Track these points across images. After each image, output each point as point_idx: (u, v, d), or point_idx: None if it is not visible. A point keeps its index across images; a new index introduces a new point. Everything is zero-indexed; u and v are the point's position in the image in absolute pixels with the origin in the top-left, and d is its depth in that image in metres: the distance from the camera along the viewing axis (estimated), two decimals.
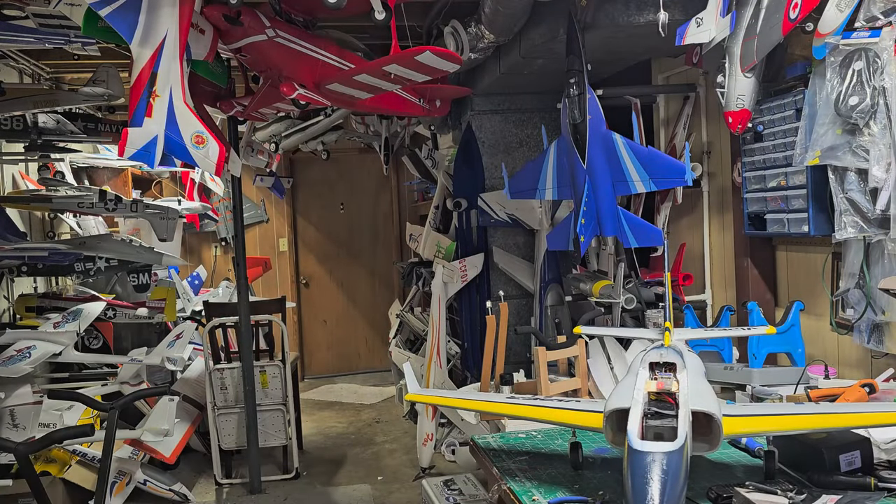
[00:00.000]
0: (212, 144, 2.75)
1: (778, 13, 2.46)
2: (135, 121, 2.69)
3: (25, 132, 5.15)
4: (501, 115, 5.07)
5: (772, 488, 1.80)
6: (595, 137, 3.18)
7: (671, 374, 1.84)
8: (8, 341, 4.42)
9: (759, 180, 3.09)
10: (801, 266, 3.20)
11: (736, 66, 2.69)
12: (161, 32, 2.69)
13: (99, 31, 2.96)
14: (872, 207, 2.36)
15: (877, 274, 2.51)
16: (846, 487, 1.80)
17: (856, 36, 2.34)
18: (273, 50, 3.25)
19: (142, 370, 4.80)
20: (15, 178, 5.97)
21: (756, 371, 2.79)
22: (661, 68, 4.30)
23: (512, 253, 5.05)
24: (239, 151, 5.11)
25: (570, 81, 3.24)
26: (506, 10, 3.36)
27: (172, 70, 2.71)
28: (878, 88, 2.27)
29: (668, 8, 2.75)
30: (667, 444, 1.58)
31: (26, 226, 5.97)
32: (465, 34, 3.83)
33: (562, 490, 1.95)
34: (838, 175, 2.48)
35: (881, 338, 2.61)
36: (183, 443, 4.61)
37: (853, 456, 1.89)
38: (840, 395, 2.36)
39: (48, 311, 5.29)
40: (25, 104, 4.77)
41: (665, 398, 1.75)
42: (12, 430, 4.00)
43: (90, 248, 5.29)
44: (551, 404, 2.10)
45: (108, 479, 3.67)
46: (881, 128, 2.28)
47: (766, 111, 2.97)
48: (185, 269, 7.19)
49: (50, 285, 6.34)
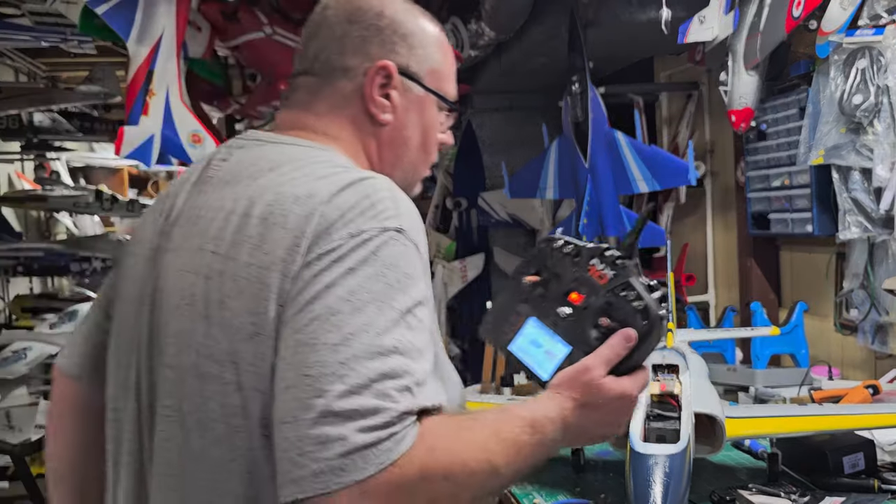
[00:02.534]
0: (209, 143, 2.73)
1: (781, 11, 2.44)
2: (131, 119, 2.67)
3: (21, 131, 5.13)
4: (502, 113, 5.05)
5: (775, 491, 1.79)
6: (597, 136, 3.16)
7: (674, 376, 1.82)
8: (4, 342, 4.40)
9: (762, 180, 3.07)
10: (805, 266, 3.18)
11: (739, 63, 2.67)
12: (158, 30, 2.68)
13: (95, 29, 2.94)
14: (877, 207, 2.34)
15: (881, 274, 2.49)
16: (850, 490, 1.79)
17: (859, 34, 2.32)
18: (270, 47, 3.23)
19: None
20: (11, 178, 5.95)
21: (759, 372, 2.77)
22: (664, 66, 4.28)
23: (513, 253, 5.03)
24: None
25: (571, 79, 3.22)
26: (506, 7, 3.34)
27: (169, 68, 2.69)
28: (882, 87, 2.26)
29: (670, 5, 2.73)
30: (669, 447, 1.57)
31: (22, 226, 5.95)
32: (466, 31, 3.81)
33: (563, 493, 1.94)
34: (842, 174, 2.46)
35: (885, 339, 2.59)
36: None
37: (857, 458, 1.87)
38: (844, 397, 2.34)
39: (44, 311, 5.26)
40: (21, 103, 4.76)
41: (668, 400, 1.74)
42: (8, 431, 3.98)
43: (86, 248, 5.27)
44: None
45: None
46: (885, 127, 2.26)
47: (769, 110, 2.95)
48: None
49: (46, 286, 6.32)
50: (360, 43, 1.13)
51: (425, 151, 1.20)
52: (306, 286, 0.90)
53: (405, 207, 0.99)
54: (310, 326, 0.88)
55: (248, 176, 1.04)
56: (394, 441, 0.84)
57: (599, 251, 1.09)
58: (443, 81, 1.20)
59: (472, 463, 0.90)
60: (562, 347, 1.08)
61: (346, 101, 1.14)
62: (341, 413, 0.83)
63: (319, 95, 1.15)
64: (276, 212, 0.96)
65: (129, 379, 1.07)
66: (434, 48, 1.18)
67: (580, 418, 1.02)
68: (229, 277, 0.95)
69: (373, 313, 0.88)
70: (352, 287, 0.89)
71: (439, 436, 0.89)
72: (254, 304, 0.93)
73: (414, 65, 1.15)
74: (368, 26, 1.13)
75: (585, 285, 1.08)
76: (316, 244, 0.92)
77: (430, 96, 1.17)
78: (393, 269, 0.92)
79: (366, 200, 0.96)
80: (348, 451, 0.82)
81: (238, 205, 1.00)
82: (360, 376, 0.85)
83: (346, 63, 1.13)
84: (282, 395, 0.87)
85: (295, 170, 1.02)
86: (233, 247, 0.96)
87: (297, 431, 0.84)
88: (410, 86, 1.15)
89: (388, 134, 1.15)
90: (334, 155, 1.09)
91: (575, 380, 1.03)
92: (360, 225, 0.93)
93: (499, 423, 0.97)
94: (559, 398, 1.03)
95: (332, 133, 1.13)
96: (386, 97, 1.14)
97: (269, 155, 1.07)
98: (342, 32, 1.14)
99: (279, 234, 0.94)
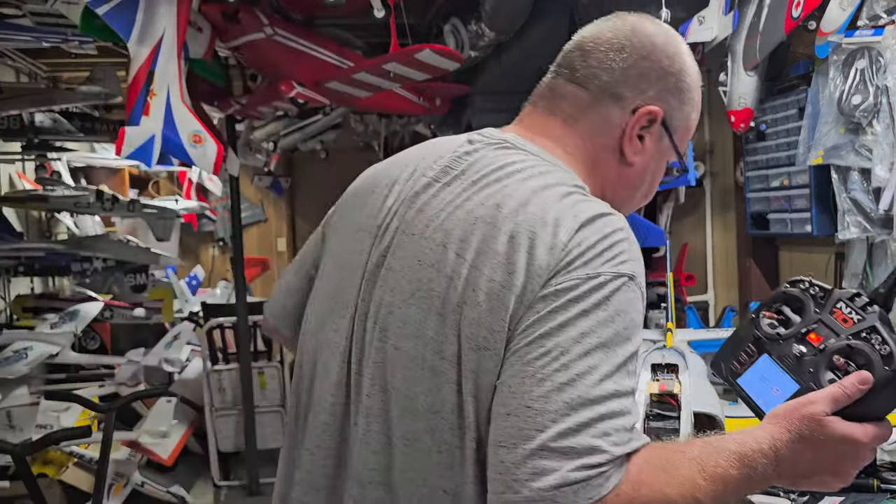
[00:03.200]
0: (209, 143, 2.73)
1: (780, 11, 2.45)
2: (132, 120, 2.67)
3: (22, 131, 5.13)
4: (502, 114, 5.03)
5: (774, 490, 1.79)
6: None
7: (673, 376, 1.83)
8: (5, 342, 4.41)
9: (761, 180, 3.07)
10: (804, 266, 3.19)
11: (738, 64, 2.68)
12: (159, 31, 2.68)
13: (96, 30, 2.94)
14: (876, 207, 2.35)
15: (880, 274, 2.50)
16: (848, 489, 1.76)
17: (858, 34, 2.33)
18: (271, 48, 3.23)
19: (139, 371, 4.78)
20: (11, 178, 5.95)
21: None
22: None
23: None
24: (237, 151, 5.09)
25: None
26: (507, 8, 3.34)
27: (170, 69, 2.69)
28: (881, 87, 2.26)
29: (670, 6, 2.73)
30: None
31: (23, 226, 5.95)
32: (466, 32, 3.81)
33: None
34: (841, 175, 2.47)
35: None
36: (181, 444, 4.58)
37: None
38: None
39: (45, 311, 5.26)
40: (22, 103, 4.76)
41: (667, 399, 1.74)
42: (9, 431, 3.99)
43: (87, 248, 5.27)
44: None
45: (105, 481, 3.65)
46: (884, 127, 2.26)
47: (768, 110, 2.95)
48: (183, 269, 7.17)
49: (47, 286, 6.32)
50: (642, 78, 1.13)
51: (644, 197, 1.23)
52: (540, 319, 0.94)
53: (636, 252, 1.01)
54: (539, 361, 0.92)
55: (495, 179, 1.06)
56: (604, 478, 0.89)
57: (847, 295, 1.06)
58: (686, 137, 1.22)
59: (677, 499, 0.93)
60: (791, 385, 1.05)
61: (606, 129, 1.14)
62: (558, 450, 0.88)
63: (585, 113, 1.15)
64: (523, 232, 0.99)
65: (338, 343, 1.10)
66: (696, 110, 1.20)
67: (794, 453, 0.97)
68: (471, 286, 0.98)
69: (599, 358, 0.92)
70: (584, 329, 0.93)
71: (646, 472, 0.92)
72: (489, 319, 0.96)
73: (676, 119, 1.16)
74: (657, 66, 1.14)
75: (827, 327, 1.05)
76: (555, 278, 0.95)
77: (671, 150, 1.18)
78: (622, 316, 0.95)
79: (605, 241, 0.98)
80: (560, 485, 0.87)
81: (485, 211, 1.02)
82: (580, 417, 0.89)
83: (622, 92, 1.13)
84: (502, 420, 0.92)
85: (542, 188, 1.04)
86: (478, 256, 0.99)
87: (514, 457, 0.89)
88: (664, 136, 1.16)
89: (631, 174, 1.17)
90: (574, 177, 1.10)
91: (794, 410, 0.99)
92: (598, 267, 0.96)
93: (706, 458, 0.96)
94: (773, 428, 0.99)
95: (580, 156, 1.14)
96: (640, 138, 1.14)
97: (514, 161, 1.08)
98: (632, 63, 1.13)
99: (523, 258, 0.97)
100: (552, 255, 0.96)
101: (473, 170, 1.09)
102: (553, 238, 0.97)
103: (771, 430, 0.99)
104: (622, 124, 1.13)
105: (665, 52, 1.14)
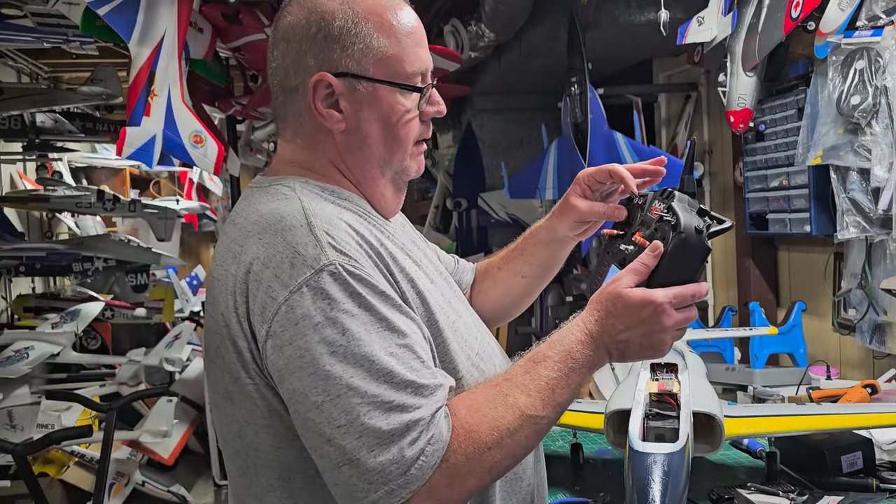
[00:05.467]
0: (210, 144, 2.74)
1: (780, 12, 2.45)
2: (133, 120, 2.68)
3: (23, 132, 5.14)
4: (502, 114, 5.06)
5: (773, 490, 1.79)
6: (596, 137, 3.17)
7: (672, 375, 1.83)
8: (6, 342, 4.41)
9: (760, 180, 3.08)
10: (803, 266, 3.19)
11: (737, 65, 2.68)
12: (160, 31, 2.68)
13: (97, 30, 2.95)
14: (874, 207, 2.35)
15: (879, 274, 2.50)
16: (848, 489, 1.79)
17: (857, 35, 2.33)
18: None
19: (140, 371, 4.78)
20: (13, 178, 5.96)
21: (758, 372, 2.77)
22: (663, 67, 4.29)
23: None
24: (237, 151, 5.09)
25: (571, 80, 3.23)
26: (506, 9, 3.35)
27: (171, 69, 2.70)
28: (880, 88, 2.26)
29: (669, 7, 2.74)
30: (668, 446, 1.57)
31: (24, 226, 5.97)
32: (466, 32, 3.82)
33: (562, 492, 1.94)
34: (840, 175, 2.47)
35: (883, 338, 2.60)
36: (181, 444, 4.59)
37: (855, 457, 1.87)
38: (842, 396, 2.34)
39: (46, 311, 5.27)
40: (23, 103, 4.77)
41: (666, 399, 1.74)
42: (10, 430, 3.99)
43: (88, 248, 5.28)
44: None
45: (106, 480, 3.66)
46: (883, 127, 2.27)
47: (767, 110, 2.95)
48: (184, 269, 7.17)
49: (48, 286, 6.33)
50: (298, 58, 1.12)
51: (395, 139, 1.16)
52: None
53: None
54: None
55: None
56: (433, 443, 0.95)
57: (661, 194, 1.18)
58: (396, 64, 1.13)
59: (511, 425, 0.99)
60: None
61: (303, 121, 1.15)
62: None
63: (286, 120, 1.17)
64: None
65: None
66: (374, 36, 1.11)
67: (605, 330, 1.05)
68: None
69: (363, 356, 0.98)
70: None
71: (471, 415, 0.98)
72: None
73: (353, 64, 1.11)
74: (301, 40, 1.11)
75: (645, 224, 1.17)
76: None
77: (389, 90, 1.13)
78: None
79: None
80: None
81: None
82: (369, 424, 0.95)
83: (293, 83, 1.13)
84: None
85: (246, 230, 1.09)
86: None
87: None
88: (356, 85, 1.11)
89: (345, 139, 1.14)
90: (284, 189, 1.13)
91: (601, 292, 1.08)
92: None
93: (525, 375, 1.02)
94: (584, 314, 1.08)
95: (298, 158, 1.17)
96: (336, 104, 1.12)
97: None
98: (283, 50, 1.13)
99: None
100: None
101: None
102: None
103: (582, 317, 1.08)
104: (309, 107, 1.12)
105: (300, 21, 1.12)
